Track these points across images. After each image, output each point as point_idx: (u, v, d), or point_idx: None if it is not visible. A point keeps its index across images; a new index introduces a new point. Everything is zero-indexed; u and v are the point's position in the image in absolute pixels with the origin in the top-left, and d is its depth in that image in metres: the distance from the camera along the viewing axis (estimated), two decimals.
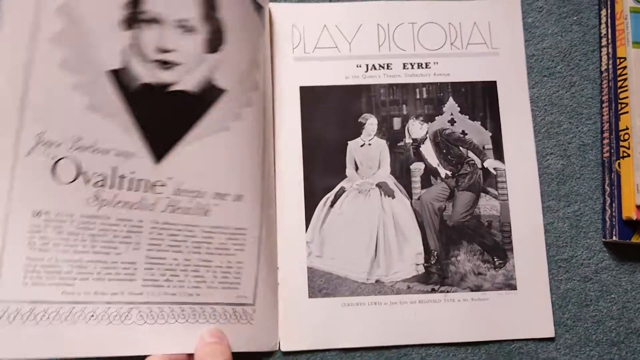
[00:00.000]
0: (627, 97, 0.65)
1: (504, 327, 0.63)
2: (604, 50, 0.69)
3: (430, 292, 0.63)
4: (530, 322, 0.63)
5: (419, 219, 0.65)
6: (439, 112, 0.68)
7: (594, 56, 0.70)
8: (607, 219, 0.65)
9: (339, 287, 0.63)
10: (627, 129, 0.64)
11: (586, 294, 0.65)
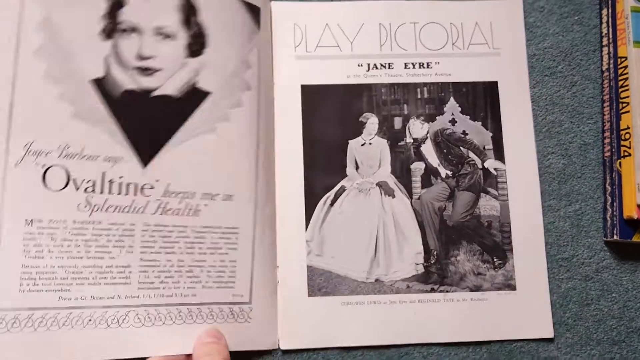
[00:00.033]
0: (628, 97, 0.65)
1: (503, 327, 0.63)
2: (605, 49, 0.69)
3: (429, 292, 0.63)
4: (529, 323, 0.63)
5: (419, 218, 0.65)
6: (439, 112, 0.68)
7: (595, 56, 0.70)
8: (608, 218, 0.65)
9: (339, 286, 0.63)
10: (628, 128, 0.64)
11: (587, 293, 0.65)
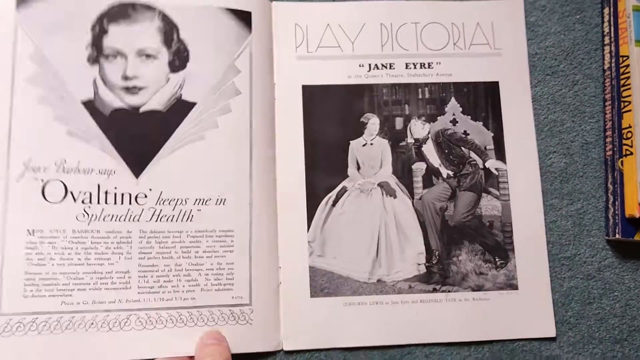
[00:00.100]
0: (629, 96, 0.65)
1: (505, 326, 0.63)
2: (607, 48, 0.69)
3: (431, 292, 0.63)
4: (531, 323, 0.63)
5: (421, 218, 0.66)
6: (441, 112, 0.68)
7: (597, 55, 0.70)
8: (610, 217, 0.65)
9: (341, 287, 0.63)
10: (630, 127, 0.64)
11: (589, 291, 0.65)
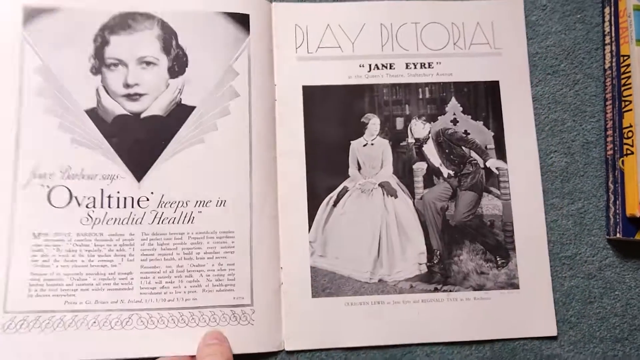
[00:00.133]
0: (630, 95, 0.65)
1: (507, 326, 0.63)
2: (608, 48, 0.69)
3: (433, 292, 0.63)
4: (532, 322, 0.63)
5: (422, 218, 0.66)
6: (441, 112, 0.68)
7: (598, 54, 0.70)
8: (611, 217, 0.65)
9: (342, 287, 0.63)
10: (631, 126, 0.64)
11: (590, 291, 0.65)
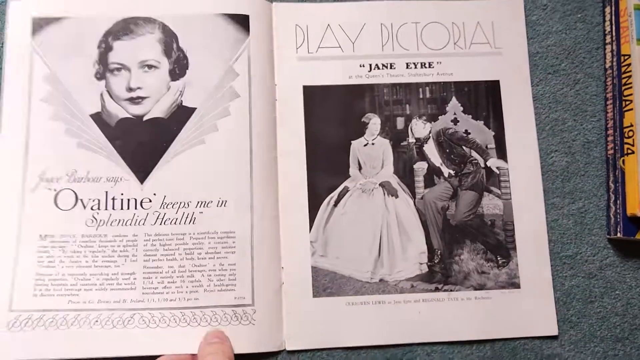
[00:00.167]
0: (631, 94, 0.65)
1: (507, 325, 0.63)
2: (608, 47, 0.69)
3: (433, 291, 0.64)
4: (533, 321, 0.63)
5: (422, 218, 0.66)
6: (442, 111, 0.68)
7: (598, 53, 0.70)
8: (612, 216, 0.65)
9: (343, 287, 0.63)
10: (632, 126, 0.64)
11: (591, 290, 0.65)
